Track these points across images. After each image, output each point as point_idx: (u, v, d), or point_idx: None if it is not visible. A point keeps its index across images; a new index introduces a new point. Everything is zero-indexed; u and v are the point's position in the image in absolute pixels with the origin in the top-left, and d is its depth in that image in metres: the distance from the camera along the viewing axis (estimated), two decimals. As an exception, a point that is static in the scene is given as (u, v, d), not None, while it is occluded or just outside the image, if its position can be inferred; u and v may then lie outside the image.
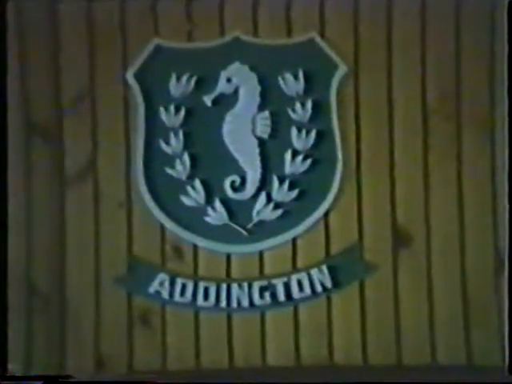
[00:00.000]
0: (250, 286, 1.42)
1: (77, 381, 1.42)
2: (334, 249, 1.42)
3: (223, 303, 1.42)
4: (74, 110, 1.45)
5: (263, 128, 1.43)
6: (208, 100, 1.42)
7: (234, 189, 1.42)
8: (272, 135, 1.43)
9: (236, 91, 1.43)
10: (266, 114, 1.43)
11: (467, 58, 1.43)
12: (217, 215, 1.43)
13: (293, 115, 1.42)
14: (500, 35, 1.41)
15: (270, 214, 1.42)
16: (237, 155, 1.42)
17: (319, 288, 1.41)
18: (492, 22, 1.43)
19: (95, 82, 1.45)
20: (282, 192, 1.42)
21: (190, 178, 1.43)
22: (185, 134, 1.43)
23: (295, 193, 1.42)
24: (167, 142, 1.44)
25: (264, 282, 1.42)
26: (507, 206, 1.39)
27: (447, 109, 1.42)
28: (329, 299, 1.42)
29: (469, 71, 1.42)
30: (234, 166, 1.42)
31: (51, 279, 1.44)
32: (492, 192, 1.41)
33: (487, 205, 1.41)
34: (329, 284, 1.41)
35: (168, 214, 1.43)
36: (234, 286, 1.42)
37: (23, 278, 1.44)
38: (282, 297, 1.42)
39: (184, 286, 1.42)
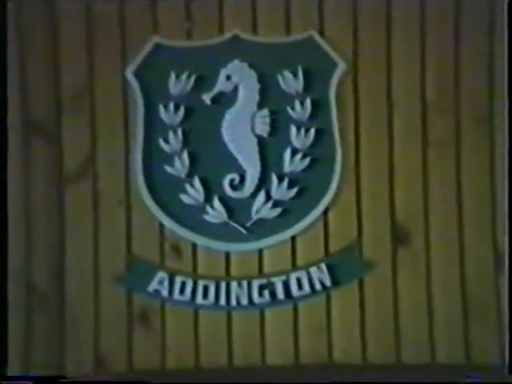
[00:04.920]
0: (249, 285, 1.42)
1: (77, 381, 1.42)
2: (333, 247, 1.42)
3: (222, 301, 1.42)
4: (73, 108, 1.45)
5: (262, 126, 1.42)
6: (207, 98, 1.42)
7: (233, 187, 1.42)
8: (271, 133, 1.43)
9: (235, 89, 1.43)
10: (266, 112, 1.43)
11: (466, 54, 1.43)
12: (216, 213, 1.42)
13: (292, 113, 1.42)
14: (500, 34, 1.41)
15: (269, 212, 1.42)
16: (236, 153, 1.43)
17: (318, 286, 1.42)
18: (492, 21, 1.43)
19: (94, 80, 1.45)
20: (281, 190, 1.42)
21: (189, 176, 1.43)
22: (184, 132, 1.43)
23: (294, 191, 1.42)
24: (166, 140, 1.44)
25: (263, 281, 1.42)
26: (507, 202, 1.38)
27: (446, 105, 1.42)
28: (328, 297, 1.42)
29: (468, 67, 1.43)
30: (233, 164, 1.42)
31: (50, 278, 1.44)
32: (491, 188, 1.41)
33: (486, 201, 1.41)
34: (328, 282, 1.41)
35: (167, 212, 1.43)
36: (234, 285, 1.42)
37: (23, 277, 1.44)
38: (281, 295, 1.42)
39: (183, 285, 1.42)
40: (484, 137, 1.43)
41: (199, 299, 1.42)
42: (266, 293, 1.41)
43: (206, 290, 1.42)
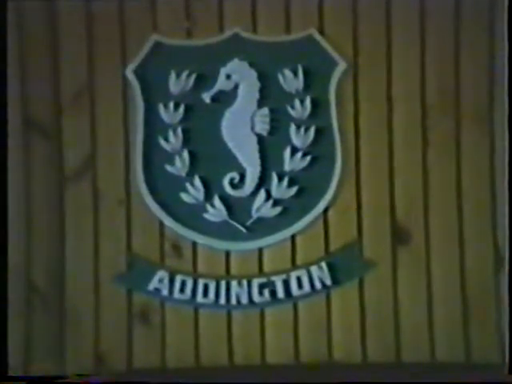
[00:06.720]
0: (249, 283, 1.42)
1: (76, 381, 1.41)
2: (334, 246, 1.42)
3: (222, 300, 1.42)
4: (73, 107, 1.45)
5: (262, 125, 1.42)
6: (207, 97, 1.42)
7: (234, 186, 1.42)
8: (271, 132, 1.43)
9: (235, 88, 1.43)
10: (266, 110, 1.42)
11: (466, 54, 1.43)
12: (216, 212, 1.42)
13: (292, 112, 1.42)
14: (500, 33, 1.41)
15: (269, 210, 1.42)
16: (236, 152, 1.42)
17: (318, 285, 1.41)
18: (492, 20, 1.43)
19: (94, 78, 1.45)
20: (281, 189, 1.42)
21: (190, 174, 1.43)
22: (184, 131, 1.43)
23: (294, 190, 1.42)
24: (166, 139, 1.44)
25: (263, 279, 1.42)
26: (507, 202, 1.39)
27: (446, 105, 1.42)
28: (328, 296, 1.42)
29: (468, 67, 1.42)
30: (233, 163, 1.42)
31: (51, 277, 1.44)
32: (491, 188, 1.41)
33: (486, 201, 1.41)
34: (328, 281, 1.41)
35: (167, 210, 1.43)
36: (234, 283, 1.42)
37: (23, 276, 1.44)
38: (281, 294, 1.41)
39: (183, 283, 1.42)
40: (484, 137, 1.42)
41: (199, 298, 1.42)
42: (266, 292, 1.41)
43: (206, 288, 1.42)
